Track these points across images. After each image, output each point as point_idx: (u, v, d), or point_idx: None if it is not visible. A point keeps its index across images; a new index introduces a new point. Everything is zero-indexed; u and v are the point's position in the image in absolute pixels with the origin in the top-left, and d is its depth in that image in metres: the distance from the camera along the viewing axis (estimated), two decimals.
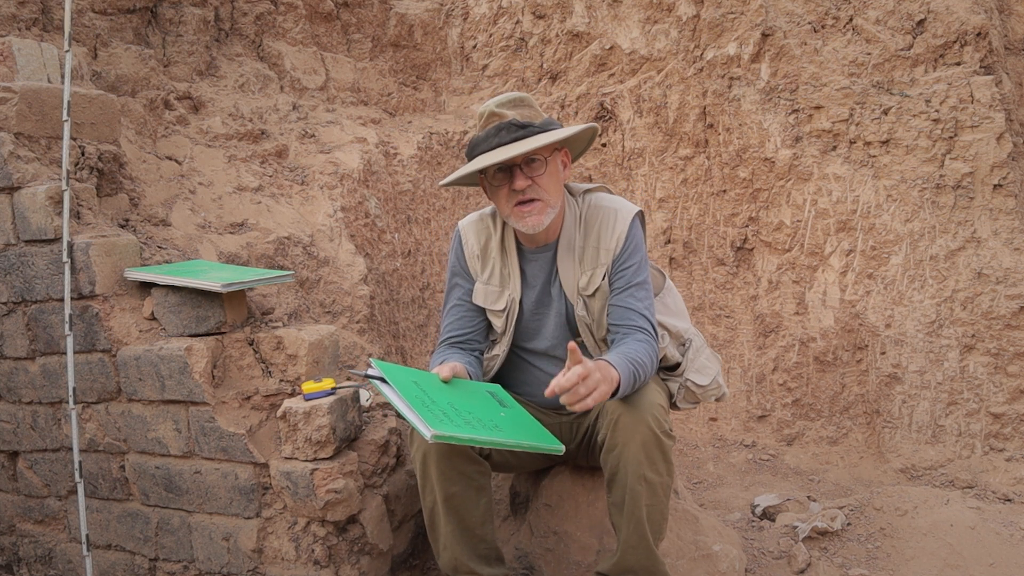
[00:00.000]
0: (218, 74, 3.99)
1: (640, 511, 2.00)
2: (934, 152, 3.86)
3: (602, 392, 1.78)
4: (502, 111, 2.08)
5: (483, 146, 2.07)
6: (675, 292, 2.50)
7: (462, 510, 2.12)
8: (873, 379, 3.99)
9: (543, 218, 2.10)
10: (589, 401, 1.76)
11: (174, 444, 2.43)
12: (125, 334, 2.47)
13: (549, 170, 2.10)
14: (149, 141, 3.37)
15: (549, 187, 2.10)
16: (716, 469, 3.99)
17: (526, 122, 2.05)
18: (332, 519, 2.27)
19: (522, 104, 2.12)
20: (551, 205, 2.11)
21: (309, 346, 2.38)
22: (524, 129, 2.04)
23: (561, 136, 2.05)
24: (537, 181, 2.08)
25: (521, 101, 2.12)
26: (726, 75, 4.37)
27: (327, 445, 2.22)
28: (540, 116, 2.13)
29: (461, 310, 2.33)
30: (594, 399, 1.76)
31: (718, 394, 2.41)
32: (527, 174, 2.07)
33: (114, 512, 2.61)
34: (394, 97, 4.99)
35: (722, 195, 4.45)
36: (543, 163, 2.08)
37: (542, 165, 2.08)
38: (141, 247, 2.65)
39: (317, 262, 3.40)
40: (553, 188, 2.11)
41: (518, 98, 2.13)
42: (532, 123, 2.05)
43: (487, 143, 2.06)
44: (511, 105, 2.11)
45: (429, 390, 1.90)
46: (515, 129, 2.04)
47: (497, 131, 2.05)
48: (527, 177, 2.07)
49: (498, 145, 2.05)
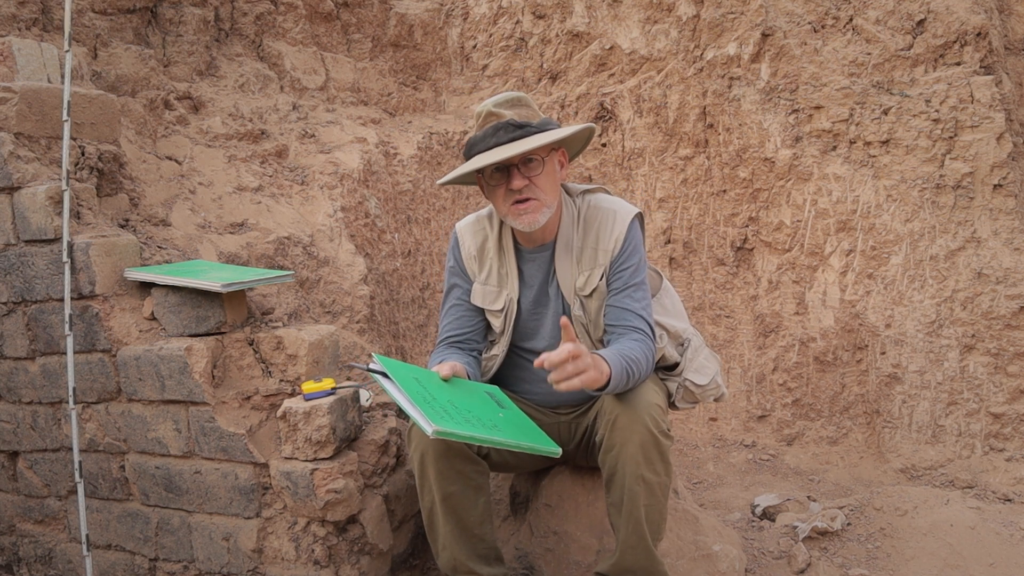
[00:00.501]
0: (218, 74, 4.00)
1: (638, 511, 2.01)
2: (934, 152, 3.86)
3: (591, 377, 1.78)
4: (500, 111, 2.09)
5: (480, 145, 2.08)
6: (673, 293, 2.50)
7: (460, 510, 2.12)
8: (873, 379, 3.99)
9: (539, 216, 2.10)
10: (576, 381, 1.75)
11: (174, 444, 2.43)
12: (125, 334, 2.47)
13: (546, 170, 2.10)
14: (149, 141, 3.38)
15: (546, 187, 2.10)
16: (716, 469, 3.99)
17: (524, 122, 2.05)
18: (332, 519, 2.27)
19: (520, 104, 2.12)
20: (547, 204, 2.11)
21: (309, 346, 2.39)
22: (522, 129, 2.04)
23: (558, 136, 2.05)
24: (534, 181, 2.08)
25: (519, 101, 2.13)
26: (726, 75, 4.37)
27: (327, 445, 2.23)
28: (538, 116, 2.13)
29: (460, 310, 2.34)
30: (582, 380, 1.76)
31: (716, 394, 2.41)
32: (524, 174, 2.07)
33: (114, 512, 2.62)
34: (394, 97, 4.99)
35: (722, 195, 4.45)
36: (540, 163, 2.08)
37: (539, 165, 2.08)
38: (141, 247, 2.65)
39: (317, 262, 3.41)
40: (550, 188, 2.12)
41: (516, 98, 2.13)
42: (530, 123, 2.06)
43: (484, 143, 2.07)
44: (509, 105, 2.11)
45: (429, 387, 1.91)
46: (513, 129, 2.04)
47: (495, 131, 2.05)
48: (524, 177, 2.07)
49: (496, 145, 2.05)
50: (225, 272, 2.46)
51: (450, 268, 2.37)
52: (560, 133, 2.06)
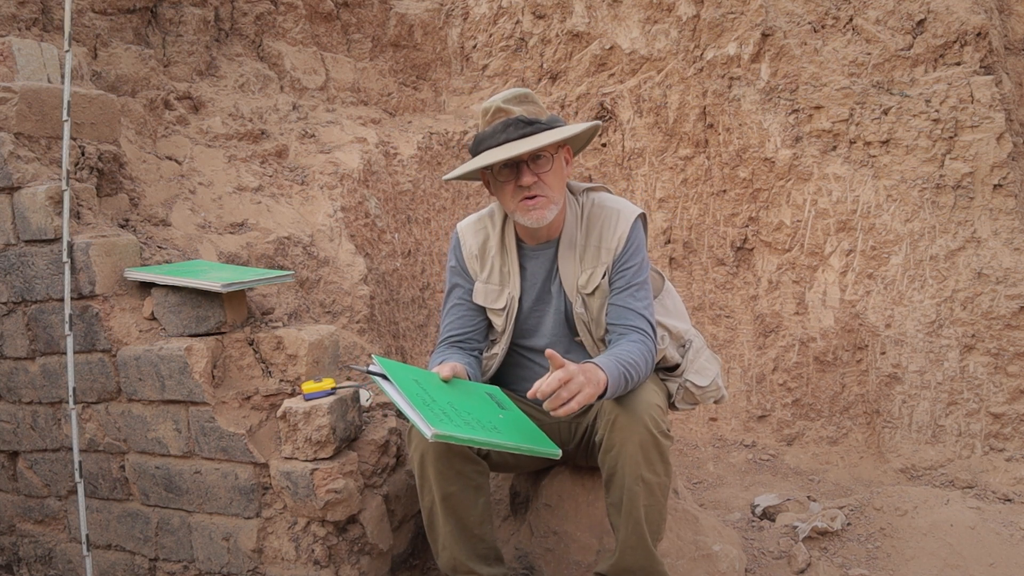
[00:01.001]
0: (218, 74, 4.00)
1: (638, 511, 2.01)
2: (934, 152, 3.86)
3: (587, 395, 1.79)
4: (509, 107, 2.09)
5: (490, 141, 2.08)
6: (674, 294, 2.51)
7: (460, 510, 2.12)
8: (873, 379, 3.99)
9: (547, 212, 2.11)
10: (573, 404, 1.77)
11: (174, 444, 2.43)
12: (125, 334, 2.47)
13: (554, 167, 2.11)
14: (149, 141, 3.38)
15: (553, 184, 2.11)
16: (716, 469, 3.99)
17: (533, 119, 2.06)
18: (332, 519, 2.27)
19: (528, 100, 2.13)
20: (554, 201, 2.12)
21: (309, 346, 2.39)
22: (531, 126, 2.04)
23: (569, 134, 2.06)
24: (543, 178, 2.09)
25: (526, 97, 2.13)
26: (726, 75, 4.38)
27: (327, 445, 2.23)
28: (545, 113, 2.14)
29: (461, 309, 2.34)
30: (578, 402, 1.77)
31: (717, 396, 2.42)
32: (533, 171, 2.08)
33: (114, 512, 2.62)
34: (394, 97, 4.99)
35: (722, 195, 4.45)
36: (549, 160, 2.09)
37: (548, 162, 2.09)
38: (141, 247, 2.66)
39: (317, 262, 3.41)
40: (557, 185, 2.12)
41: (523, 94, 2.13)
42: (539, 120, 2.06)
43: (493, 139, 2.07)
44: (517, 101, 2.11)
45: (429, 389, 1.91)
46: (523, 125, 2.04)
47: (504, 127, 2.06)
48: (533, 173, 2.08)
49: (505, 141, 2.05)
50: (225, 272, 2.46)
51: (451, 268, 2.37)
52: (570, 130, 2.07)
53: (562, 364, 1.79)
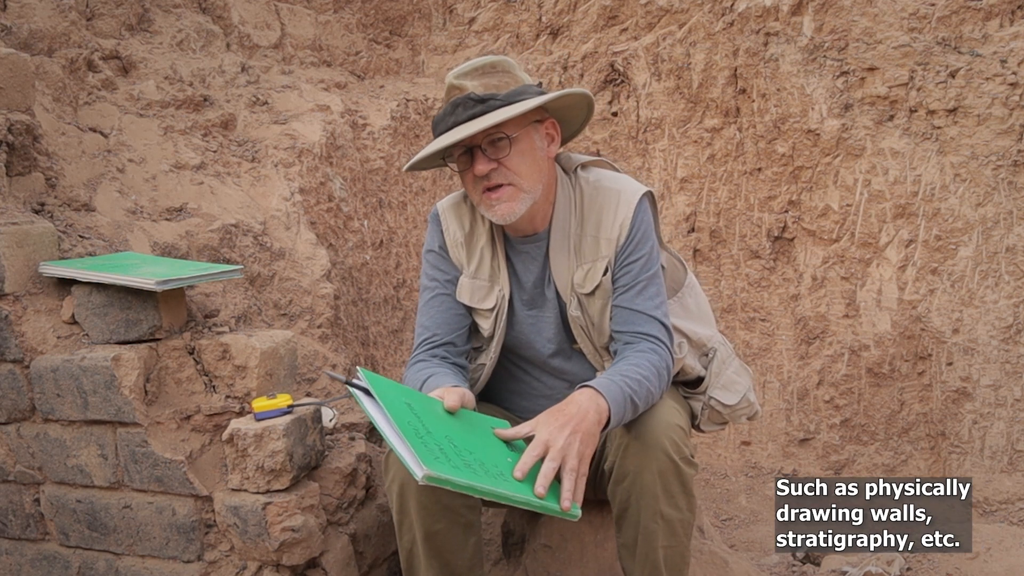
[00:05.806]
0: (151, 29, 4.00)
1: (656, 554, 2.01)
2: (1011, 123, 3.88)
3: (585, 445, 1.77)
4: (461, 83, 2.07)
5: (440, 126, 2.08)
6: (699, 291, 2.49)
7: (446, 552, 2.11)
8: (938, 395, 4.01)
9: (515, 205, 2.09)
10: (568, 468, 1.74)
11: (99, 473, 2.43)
12: (40, 341, 2.48)
13: (519, 148, 2.08)
14: (69, 110, 3.38)
15: (521, 169, 2.08)
16: (749, 503, 4.01)
17: (487, 95, 2.03)
18: (289, 563, 2.28)
19: (491, 71, 2.10)
20: (525, 189, 2.09)
21: (261, 355, 2.39)
22: (483, 104, 2.02)
23: (524, 108, 2.02)
24: (504, 163, 2.06)
25: (491, 67, 2.10)
26: (761, 30, 4.39)
27: (282, 474, 2.23)
28: (514, 83, 2.10)
29: (446, 302, 2.28)
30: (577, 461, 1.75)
31: (749, 412, 2.42)
32: (491, 156, 2.06)
33: (27, 555, 2.62)
34: (363, 57, 5.00)
35: (756, 174, 4.47)
36: (508, 142, 2.06)
37: (507, 144, 2.06)
38: (59, 237, 2.65)
39: (271, 255, 3.42)
40: (527, 170, 2.10)
41: (486, 64, 2.11)
42: (494, 95, 2.03)
43: (444, 123, 2.07)
44: (476, 74, 2.09)
45: (425, 417, 1.81)
46: (472, 104, 2.02)
47: (453, 108, 2.04)
48: (490, 159, 2.06)
49: (454, 125, 2.04)
50: (160, 267, 2.46)
51: (431, 254, 2.33)
52: (527, 104, 2.03)
53: (521, 432, 1.80)
